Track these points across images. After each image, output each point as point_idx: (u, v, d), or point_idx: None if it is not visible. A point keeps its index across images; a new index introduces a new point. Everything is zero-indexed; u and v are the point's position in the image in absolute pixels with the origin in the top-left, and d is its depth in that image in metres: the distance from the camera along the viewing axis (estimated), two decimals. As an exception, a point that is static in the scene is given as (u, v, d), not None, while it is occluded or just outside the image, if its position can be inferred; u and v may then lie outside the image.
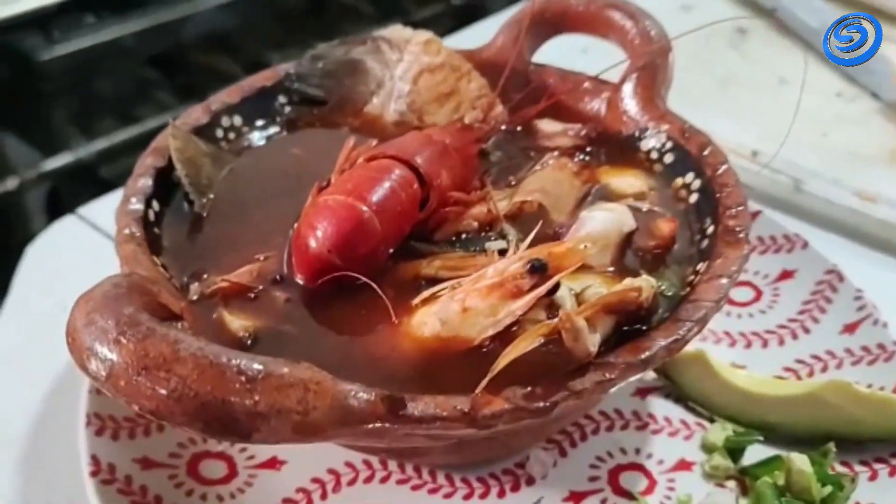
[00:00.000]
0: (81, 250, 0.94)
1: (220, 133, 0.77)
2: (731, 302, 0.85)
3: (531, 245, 0.62)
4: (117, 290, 0.51)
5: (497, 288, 0.59)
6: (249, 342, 0.58)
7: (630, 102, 0.82)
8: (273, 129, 0.81)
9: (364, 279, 0.59)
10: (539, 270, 0.58)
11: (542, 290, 0.58)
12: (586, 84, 0.85)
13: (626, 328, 0.59)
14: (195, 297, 0.61)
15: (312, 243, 0.60)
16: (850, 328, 0.78)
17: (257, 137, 0.80)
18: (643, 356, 0.55)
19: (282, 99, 0.82)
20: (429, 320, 0.59)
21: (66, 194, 1.85)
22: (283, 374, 0.47)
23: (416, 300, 0.61)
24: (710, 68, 1.33)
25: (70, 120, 1.99)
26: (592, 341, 0.53)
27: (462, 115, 0.82)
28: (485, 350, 0.57)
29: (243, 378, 0.46)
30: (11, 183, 1.89)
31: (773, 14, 1.42)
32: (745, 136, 1.14)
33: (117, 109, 2.08)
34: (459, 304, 0.59)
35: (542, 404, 0.52)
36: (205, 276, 0.63)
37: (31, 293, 0.88)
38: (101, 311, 0.48)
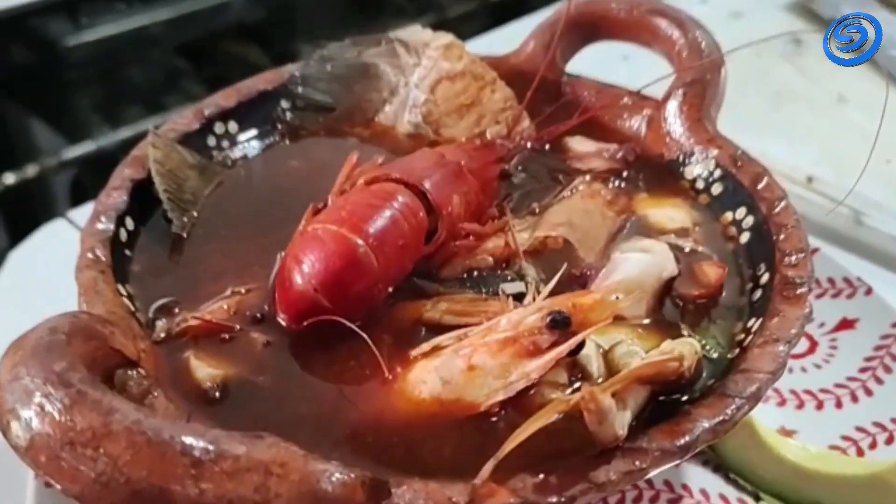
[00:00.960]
0: (69, 257, 0.86)
1: (211, 141, 0.69)
2: (781, 352, 0.75)
3: (553, 291, 0.54)
4: (53, 338, 0.42)
5: (510, 343, 0.50)
6: (217, 394, 0.50)
7: (675, 122, 0.72)
8: (272, 138, 0.72)
9: (354, 328, 0.50)
10: (561, 325, 0.49)
11: (564, 349, 0.49)
12: (626, 99, 0.76)
13: (662, 398, 0.49)
14: (161, 336, 0.53)
15: (297, 280, 0.52)
16: (920, 393, 0.68)
17: (253, 147, 0.71)
18: (682, 441, 0.45)
19: (284, 104, 0.74)
20: (428, 378, 0.50)
21: (89, 183, 1.80)
22: (239, 455, 0.39)
23: (415, 352, 0.52)
24: (762, 83, 1.22)
25: (95, 108, 1.94)
26: (621, 422, 0.44)
27: (483, 129, 0.73)
28: (493, 419, 0.49)
29: (188, 460, 0.38)
30: (32, 170, 1.84)
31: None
32: (800, 160, 1.03)
33: (144, 98, 2.03)
34: (465, 360, 0.50)
35: (556, 499, 0.43)
36: (176, 310, 0.55)
37: (10, 303, 0.81)
38: (29, 364, 0.40)
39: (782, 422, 0.68)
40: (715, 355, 0.54)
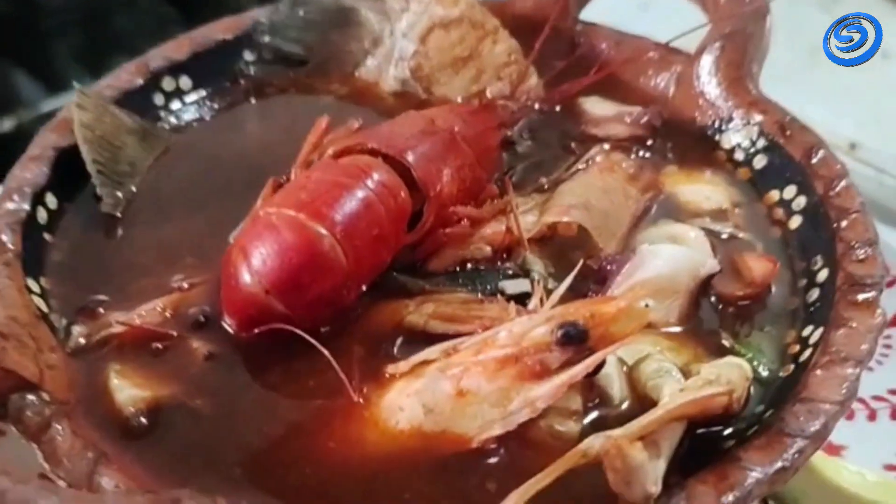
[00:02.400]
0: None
1: (158, 99, 0.58)
2: (824, 350, 0.65)
3: (567, 293, 0.43)
4: None
5: (511, 362, 0.40)
6: (142, 421, 0.40)
7: (710, 81, 0.61)
8: (232, 97, 0.61)
9: (313, 341, 0.40)
10: (575, 341, 0.39)
11: (580, 371, 0.39)
12: (651, 53, 0.64)
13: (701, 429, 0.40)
14: (78, 345, 0.43)
15: (246, 278, 0.41)
16: None
17: (209, 107, 0.60)
18: (729, 499, 0.35)
19: (248, 56, 0.63)
20: (407, 404, 0.40)
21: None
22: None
23: (392, 369, 0.42)
24: (796, 36, 1.09)
25: (76, 57, 1.83)
26: (654, 476, 0.34)
27: (483, 87, 0.62)
28: (488, 458, 0.39)
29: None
30: (9, 123, 1.74)
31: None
32: (841, 123, 0.92)
33: (129, 46, 1.91)
34: (454, 382, 0.40)
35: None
36: (100, 310, 0.45)
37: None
38: None
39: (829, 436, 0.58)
40: (764, 374, 0.44)
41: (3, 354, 0.37)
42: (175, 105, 0.59)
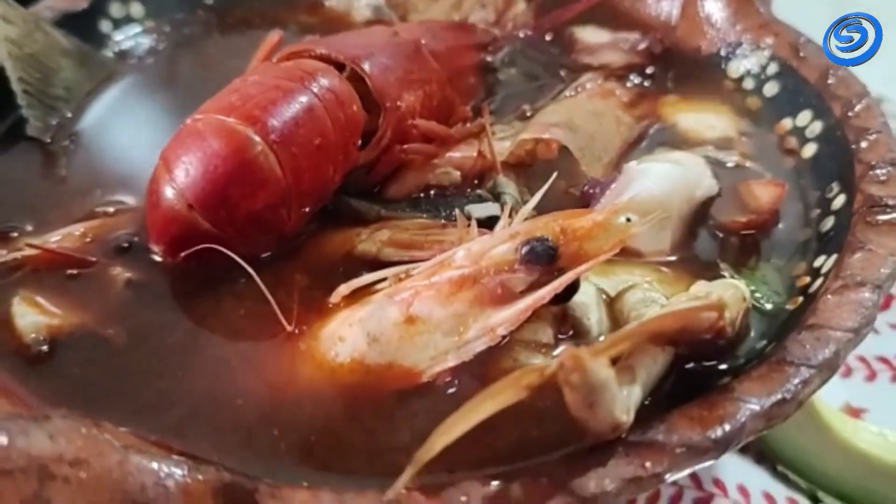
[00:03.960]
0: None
1: (105, 27, 0.54)
2: (845, 307, 0.58)
3: (538, 213, 0.37)
4: None
5: (468, 284, 0.35)
6: (44, 349, 0.35)
7: (716, 4, 0.56)
8: (189, 28, 0.57)
9: (238, 260, 0.35)
10: (543, 259, 0.34)
11: (546, 294, 0.33)
12: (652, -22, 0.58)
13: (690, 365, 0.34)
14: (-12, 269, 0.38)
15: (167, 193, 0.36)
16: None
17: (163, 36, 0.56)
18: (720, 432, 0.30)
19: (207, -17, 0.58)
20: (349, 334, 0.35)
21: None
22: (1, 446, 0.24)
23: (335, 297, 0.36)
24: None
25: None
26: (624, 404, 0.28)
27: (465, 16, 0.57)
28: (442, 392, 0.33)
29: None
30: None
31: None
32: (868, 78, 0.86)
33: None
34: (403, 308, 0.35)
35: (518, 523, 0.27)
36: (14, 234, 0.40)
37: None
38: None
39: (847, 397, 0.53)
40: (768, 306, 0.38)
41: None
42: (124, 33, 0.54)
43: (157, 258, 0.38)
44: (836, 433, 0.48)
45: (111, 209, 0.42)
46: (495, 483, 0.28)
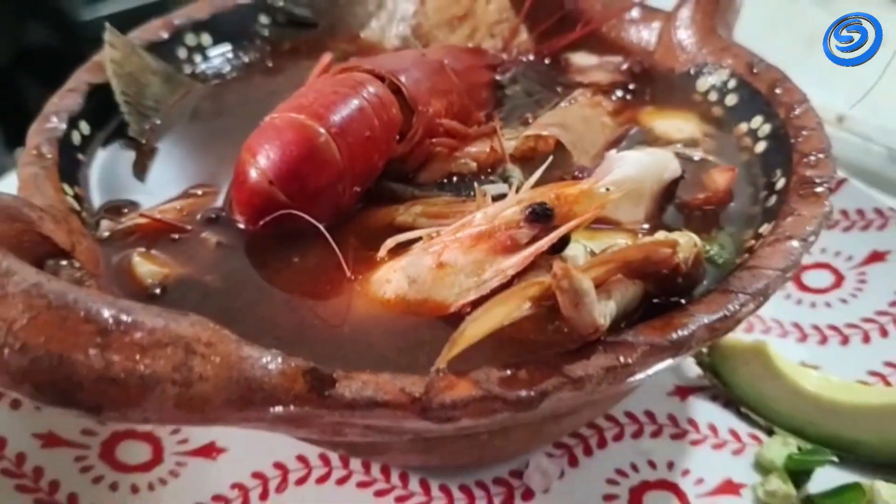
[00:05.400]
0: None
1: (182, 53, 0.65)
2: (805, 288, 0.68)
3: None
4: (-39, 207, 0.38)
5: (485, 238, 0.44)
6: (158, 291, 0.45)
7: (686, 33, 0.66)
8: (249, 54, 0.68)
9: (311, 220, 0.45)
10: (542, 218, 0.44)
11: (545, 244, 0.43)
12: (633, 13, 0.70)
13: (658, 301, 0.44)
14: (106, 234, 0.48)
15: (252, 173, 0.47)
16: (959, 325, 0.61)
17: (228, 62, 0.67)
18: (674, 336, 0.39)
19: (263, 19, 0.69)
20: (394, 277, 0.45)
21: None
22: (155, 327, 0.34)
23: (382, 252, 0.47)
24: (794, 27, 1.15)
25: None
26: (601, 311, 0.38)
27: (478, 43, 0.68)
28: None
29: (93, 328, 0.33)
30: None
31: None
32: (833, 100, 0.96)
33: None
34: (434, 257, 0.44)
35: (524, 394, 0.37)
36: (125, 210, 0.51)
37: None
38: (-71, 231, 0.36)
39: (803, 357, 0.62)
40: (720, 261, 0.48)
41: (41, 222, 0.42)
42: (197, 58, 0.65)
43: (241, 226, 0.49)
44: (789, 379, 0.57)
45: (199, 192, 0.52)
46: (507, 369, 0.38)
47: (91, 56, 0.59)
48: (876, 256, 0.69)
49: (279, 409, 0.36)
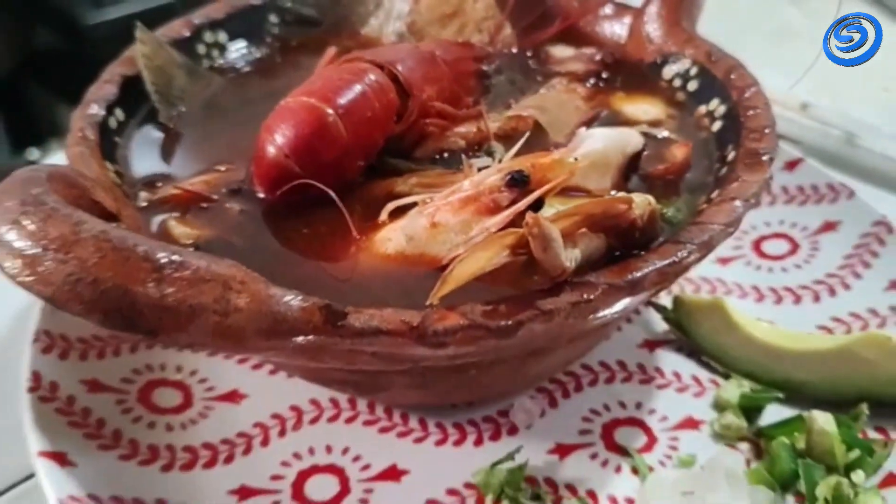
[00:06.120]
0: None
1: (201, 49, 0.72)
2: (764, 255, 0.76)
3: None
4: (32, 174, 0.45)
5: (471, 202, 0.52)
6: (192, 249, 0.52)
7: (653, 27, 0.74)
8: (261, 50, 0.75)
9: (323, 187, 0.53)
10: (519, 183, 0.51)
11: (522, 205, 0.50)
12: (607, 9, 0.77)
13: (620, 255, 0.51)
14: (144, 204, 0.56)
15: (270, 149, 0.54)
16: (897, 284, 0.69)
17: (243, 57, 0.74)
18: (630, 277, 0.47)
19: (273, 18, 0.77)
20: (394, 236, 0.52)
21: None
22: (199, 266, 0.42)
23: (383, 216, 0.54)
24: (764, 22, 1.23)
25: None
26: (567, 255, 0.46)
27: (466, 38, 0.75)
28: (453, 269, 0.51)
29: (150, 266, 0.40)
30: (54, 145, 1.90)
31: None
32: (798, 89, 1.04)
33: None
34: (428, 218, 0.52)
35: (504, 323, 0.44)
36: (158, 184, 0.58)
37: None
38: (9, 192, 0.43)
39: (759, 315, 0.69)
40: (676, 220, 0.56)
41: (93, 189, 0.50)
42: (215, 53, 0.73)
43: (260, 196, 0.56)
44: (744, 330, 0.64)
45: (222, 168, 0.59)
46: (490, 305, 0.45)
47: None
48: (828, 226, 0.76)
49: (300, 338, 0.44)
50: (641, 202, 0.49)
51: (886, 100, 1.03)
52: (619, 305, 0.48)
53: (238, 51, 0.74)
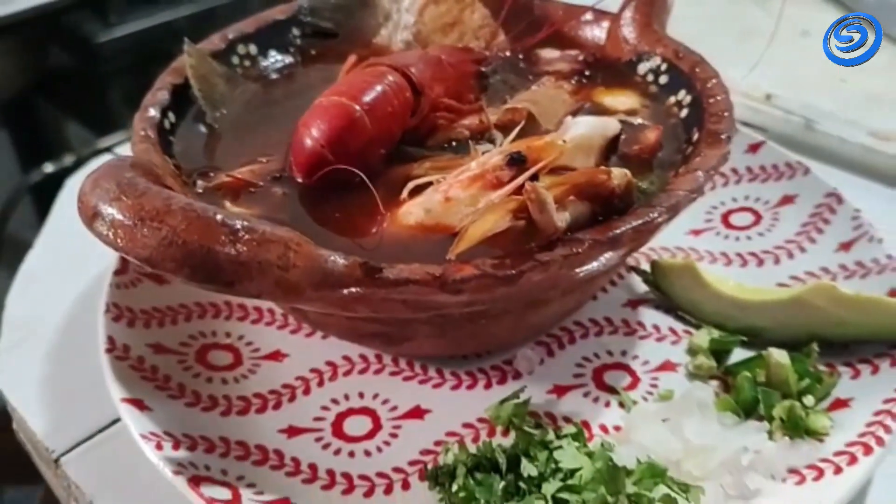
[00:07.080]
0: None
1: (235, 60, 0.83)
2: (731, 227, 0.87)
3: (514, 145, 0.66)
4: (120, 162, 0.56)
5: (478, 179, 0.62)
6: (246, 227, 0.62)
7: (628, 29, 0.84)
8: (287, 59, 0.86)
9: (354, 171, 0.63)
10: (517, 162, 0.62)
11: (521, 180, 0.61)
12: (587, 15, 0.88)
13: (602, 220, 0.61)
14: (201, 191, 0.66)
15: (307, 141, 0.65)
16: (845, 246, 0.79)
17: (271, 65, 0.85)
18: (610, 234, 0.57)
19: (295, 31, 0.87)
20: (414, 210, 0.63)
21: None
22: (265, 230, 0.52)
23: (404, 194, 0.64)
24: (731, 22, 1.34)
25: (127, 101, 2.08)
26: (560, 217, 0.56)
27: (466, 44, 0.86)
28: (464, 236, 0.61)
29: (227, 230, 0.51)
30: (69, 159, 1.99)
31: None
32: (762, 82, 1.15)
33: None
34: (442, 194, 0.62)
35: (509, 272, 0.55)
36: (211, 174, 0.68)
37: (67, 218, 0.94)
38: (105, 177, 0.54)
39: (727, 276, 0.80)
40: (649, 192, 0.66)
41: (164, 177, 0.60)
42: (247, 64, 0.83)
43: (299, 181, 0.66)
44: (713, 287, 0.75)
45: (263, 159, 0.70)
46: (496, 258, 0.56)
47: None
48: (786, 199, 0.87)
49: (345, 290, 0.54)
50: (619, 174, 0.60)
51: (843, 89, 1.14)
52: (603, 258, 0.58)
53: (266, 60, 0.85)
